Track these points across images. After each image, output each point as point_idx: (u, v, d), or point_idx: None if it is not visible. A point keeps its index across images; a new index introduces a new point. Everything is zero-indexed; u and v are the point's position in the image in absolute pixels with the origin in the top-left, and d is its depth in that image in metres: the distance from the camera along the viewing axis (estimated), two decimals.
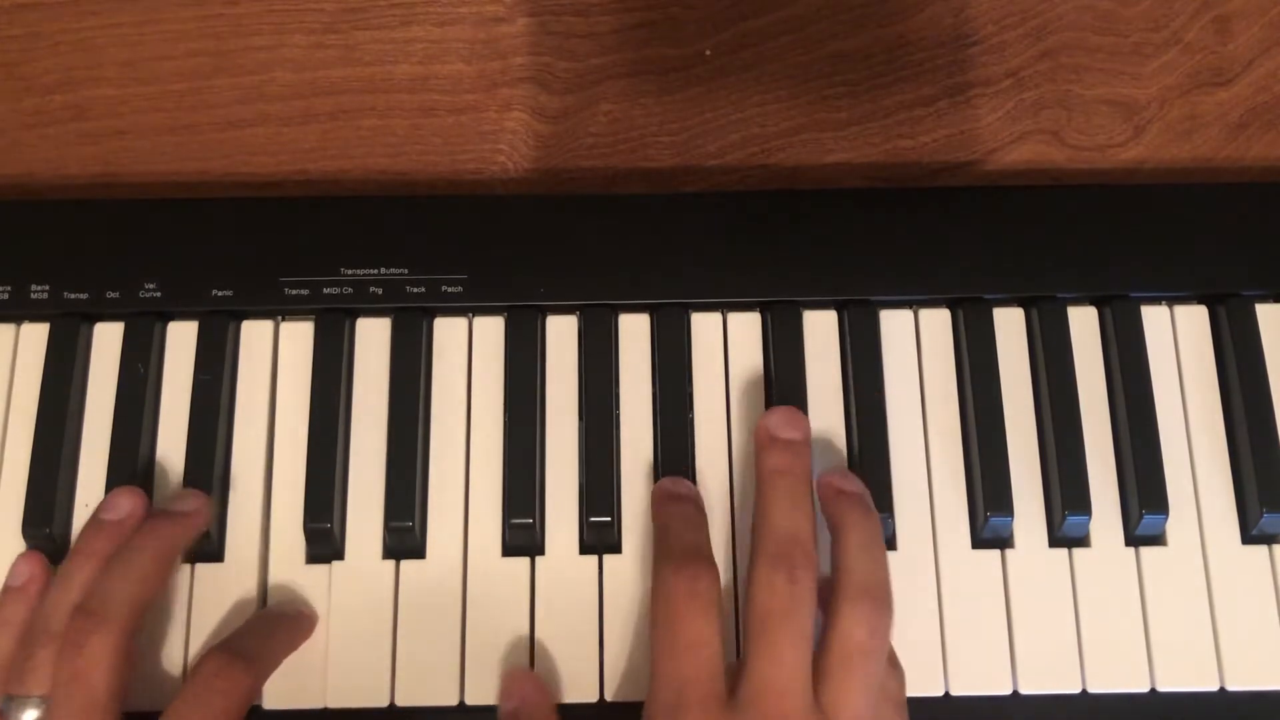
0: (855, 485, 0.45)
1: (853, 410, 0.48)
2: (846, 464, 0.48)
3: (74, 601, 0.43)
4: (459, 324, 0.49)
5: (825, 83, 0.55)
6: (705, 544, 0.44)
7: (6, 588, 0.45)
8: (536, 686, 0.45)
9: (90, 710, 0.41)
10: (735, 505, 0.47)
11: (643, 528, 0.47)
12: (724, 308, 0.50)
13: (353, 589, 0.46)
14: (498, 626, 0.46)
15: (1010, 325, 0.49)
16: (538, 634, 0.46)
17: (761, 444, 0.46)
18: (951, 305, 0.50)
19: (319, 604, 0.46)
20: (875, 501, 0.46)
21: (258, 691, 0.45)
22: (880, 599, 0.42)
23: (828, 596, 0.42)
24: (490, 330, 0.49)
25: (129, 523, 0.45)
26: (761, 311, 0.50)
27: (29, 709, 0.42)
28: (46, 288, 0.49)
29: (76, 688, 0.41)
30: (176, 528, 0.45)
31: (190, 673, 0.43)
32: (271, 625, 0.45)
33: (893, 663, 0.44)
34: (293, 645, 0.46)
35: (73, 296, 0.49)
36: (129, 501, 0.46)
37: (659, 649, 0.42)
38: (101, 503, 0.46)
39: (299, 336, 0.49)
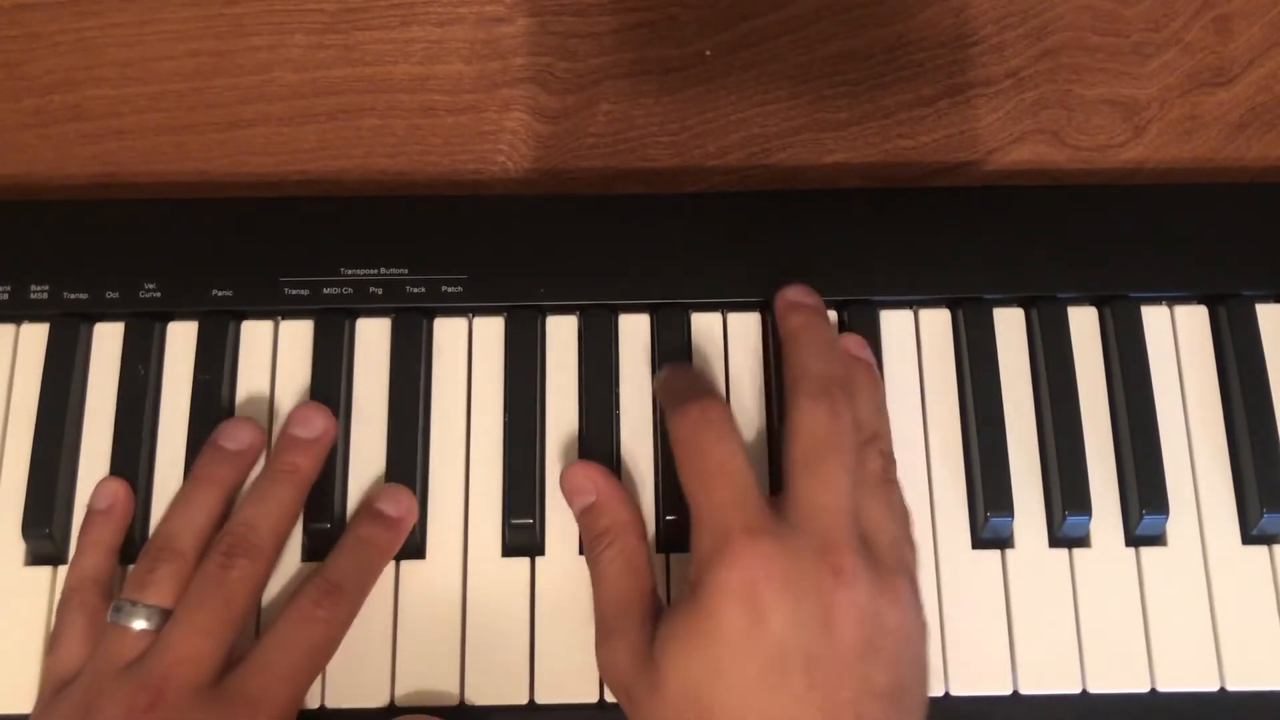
0: (867, 354, 0.48)
1: None
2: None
3: (199, 524, 0.44)
4: (459, 324, 0.49)
5: (825, 83, 0.55)
6: (710, 385, 0.46)
7: (92, 510, 0.46)
8: (608, 474, 0.46)
9: (225, 621, 0.42)
10: None
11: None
12: (724, 308, 0.50)
13: None
14: (498, 626, 0.46)
15: (1010, 325, 0.49)
16: (538, 634, 0.46)
17: (782, 311, 0.47)
18: (951, 305, 0.50)
19: None
20: None
21: (351, 621, 0.45)
22: (886, 447, 0.45)
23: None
24: (490, 330, 0.49)
25: (249, 455, 0.46)
26: (761, 311, 0.50)
27: (140, 616, 0.43)
28: (46, 288, 0.49)
29: (218, 596, 0.43)
30: (309, 459, 0.46)
31: (288, 602, 0.44)
32: (356, 543, 0.45)
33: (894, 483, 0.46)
34: (391, 553, 0.46)
35: (73, 296, 0.49)
36: (249, 433, 0.47)
37: (690, 486, 0.42)
38: (220, 430, 0.47)
39: (299, 336, 0.49)
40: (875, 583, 0.40)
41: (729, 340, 0.49)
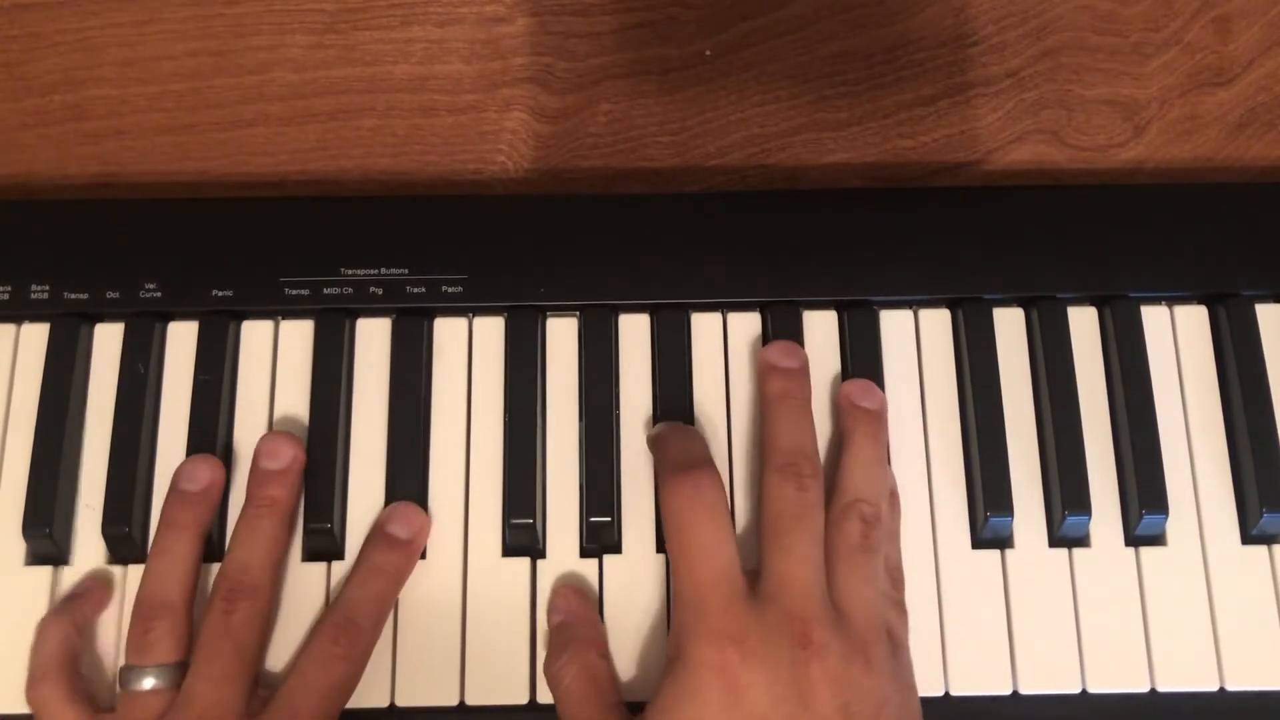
0: (872, 401, 0.47)
1: None
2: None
3: (179, 573, 0.44)
4: (459, 324, 0.49)
5: (825, 83, 0.55)
6: (704, 452, 0.45)
7: (66, 596, 0.46)
8: (581, 597, 0.46)
9: (240, 664, 0.43)
10: (736, 504, 0.47)
11: (643, 527, 0.47)
12: (724, 308, 0.50)
13: None
14: (498, 626, 0.46)
15: (1010, 325, 0.49)
16: (538, 634, 0.46)
17: (763, 373, 0.48)
18: (951, 305, 0.50)
19: (319, 604, 0.46)
20: None
21: (370, 652, 0.45)
22: (868, 512, 0.45)
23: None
24: (490, 330, 0.49)
25: (212, 492, 0.46)
26: (761, 311, 0.50)
27: (148, 677, 0.43)
28: (46, 288, 0.49)
29: (228, 642, 0.43)
30: (285, 489, 0.46)
31: (307, 640, 0.44)
32: (367, 574, 0.45)
33: (896, 581, 0.46)
34: (404, 578, 0.46)
35: (73, 296, 0.49)
36: (207, 471, 0.46)
37: (675, 561, 0.43)
38: (178, 474, 0.46)
39: (299, 336, 0.49)
40: (848, 651, 0.41)
41: (729, 340, 0.49)
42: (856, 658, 0.41)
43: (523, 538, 0.47)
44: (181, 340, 0.49)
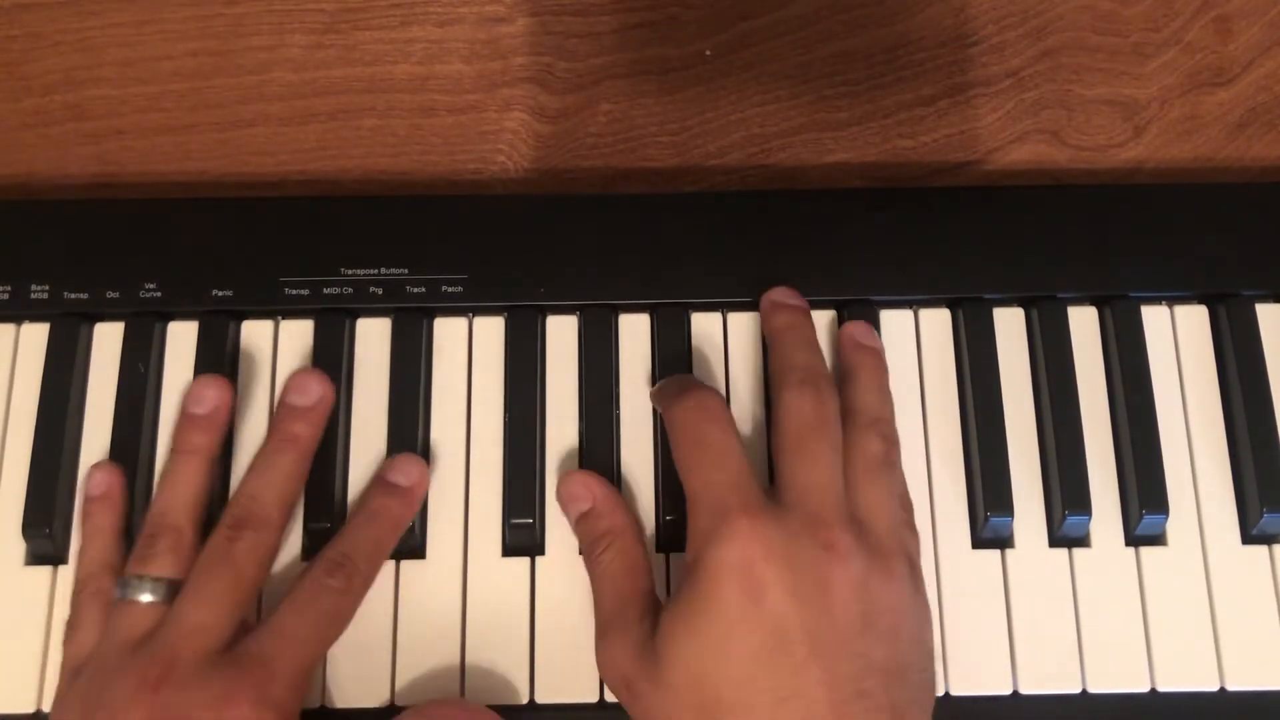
0: (874, 341, 0.48)
1: None
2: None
3: (185, 497, 0.44)
4: (459, 324, 0.49)
5: (825, 83, 0.55)
6: (707, 385, 0.46)
7: (89, 498, 0.46)
8: (602, 484, 0.46)
9: (234, 591, 0.43)
10: None
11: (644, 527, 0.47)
12: (724, 308, 0.50)
13: None
14: (498, 626, 0.46)
15: (1010, 325, 0.49)
16: (538, 634, 0.46)
17: (767, 311, 0.48)
18: (951, 305, 0.50)
19: None
20: None
21: (364, 593, 0.45)
22: (888, 431, 0.45)
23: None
24: (490, 330, 0.49)
25: (221, 414, 0.46)
26: None
27: (145, 590, 0.43)
28: (46, 288, 0.49)
29: (226, 567, 0.43)
30: (309, 427, 0.46)
31: (302, 573, 0.44)
32: (369, 516, 0.45)
33: (909, 513, 0.46)
34: (405, 523, 0.46)
35: (73, 296, 0.49)
36: (215, 392, 0.47)
37: (687, 467, 0.43)
38: (187, 397, 0.47)
39: (299, 336, 0.49)
40: (870, 561, 0.41)
41: (729, 340, 0.49)
42: (877, 567, 0.41)
43: (523, 538, 0.47)
44: (181, 340, 0.49)
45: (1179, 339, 0.50)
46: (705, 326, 0.49)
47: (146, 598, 0.43)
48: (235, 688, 0.41)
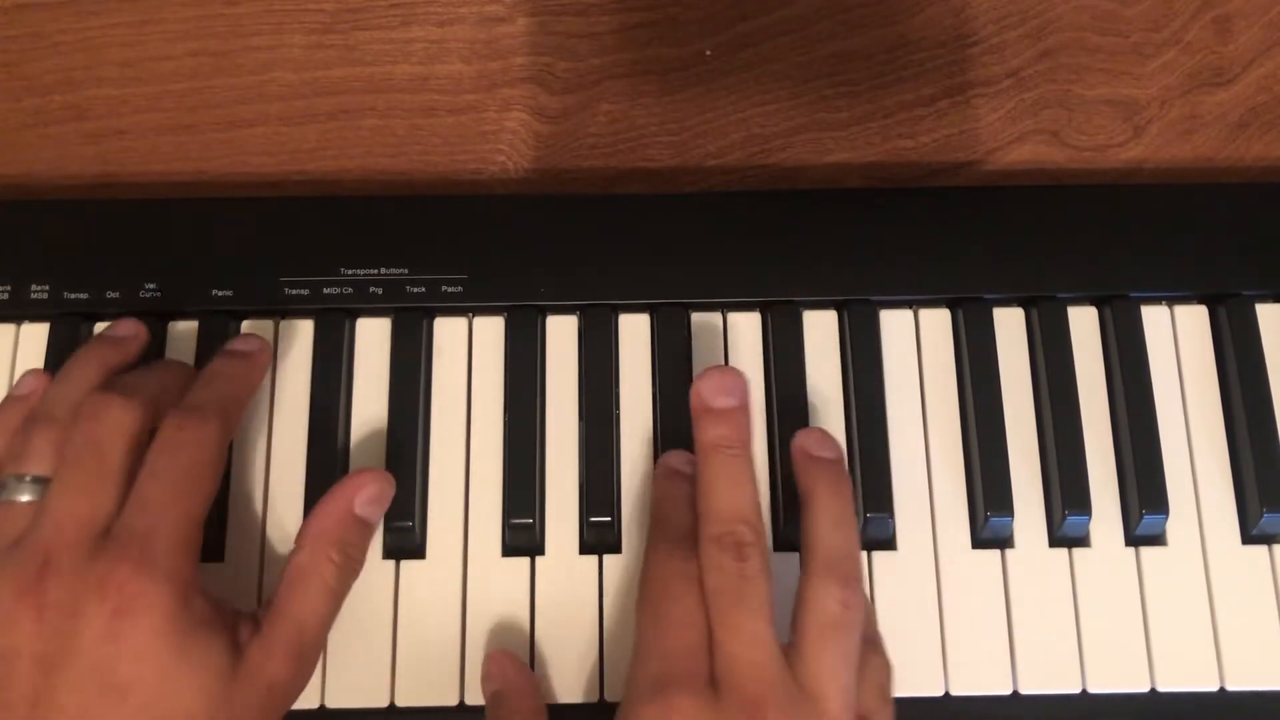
0: (829, 450, 0.44)
1: (853, 410, 0.48)
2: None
3: (74, 395, 0.43)
4: (459, 324, 0.49)
5: (825, 83, 0.55)
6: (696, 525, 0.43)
7: (9, 397, 0.46)
8: (518, 667, 0.45)
9: (102, 476, 0.41)
10: None
11: (643, 528, 0.47)
12: (724, 308, 0.50)
13: (353, 589, 0.46)
14: (498, 626, 0.46)
15: (1010, 325, 0.49)
16: (538, 634, 0.46)
17: (696, 413, 0.44)
18: (951, 305, 0.50)
19: None
20: (875, 502, 0.46)
21: (228, 438, 0.44)
22: (849, 574, 0.41)
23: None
24: (490, 330, 0.49)
25: (135, 342, 0.47)
26: (761, 311, 0.50)
27: (24, 490, 0.41)
28: (46, 288, 0.49)
29: (91, 453, 0.41)
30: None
31: (153, 439, 0.42)
32: (211, 376, 0.45)
33: (876, 650, 0.43)
34: (250, 383, 0.46)
35: (73, 296, 0.49)
36: (132, 326, 0.47)
37: (646, 623, 0.41)
38: (108, 326, 0.47)
39: (299, 336, 0.49)
40: None
41: (729, 340, 0.49)
42: None
43: (523, 538, 0.47)
44: (181, 340, 0.49)
45: (1179, 339, 0.50)
46: (705, 326, 0.49)
47: (25, 497, 0.41)
48: (116, 568, 0.39)
